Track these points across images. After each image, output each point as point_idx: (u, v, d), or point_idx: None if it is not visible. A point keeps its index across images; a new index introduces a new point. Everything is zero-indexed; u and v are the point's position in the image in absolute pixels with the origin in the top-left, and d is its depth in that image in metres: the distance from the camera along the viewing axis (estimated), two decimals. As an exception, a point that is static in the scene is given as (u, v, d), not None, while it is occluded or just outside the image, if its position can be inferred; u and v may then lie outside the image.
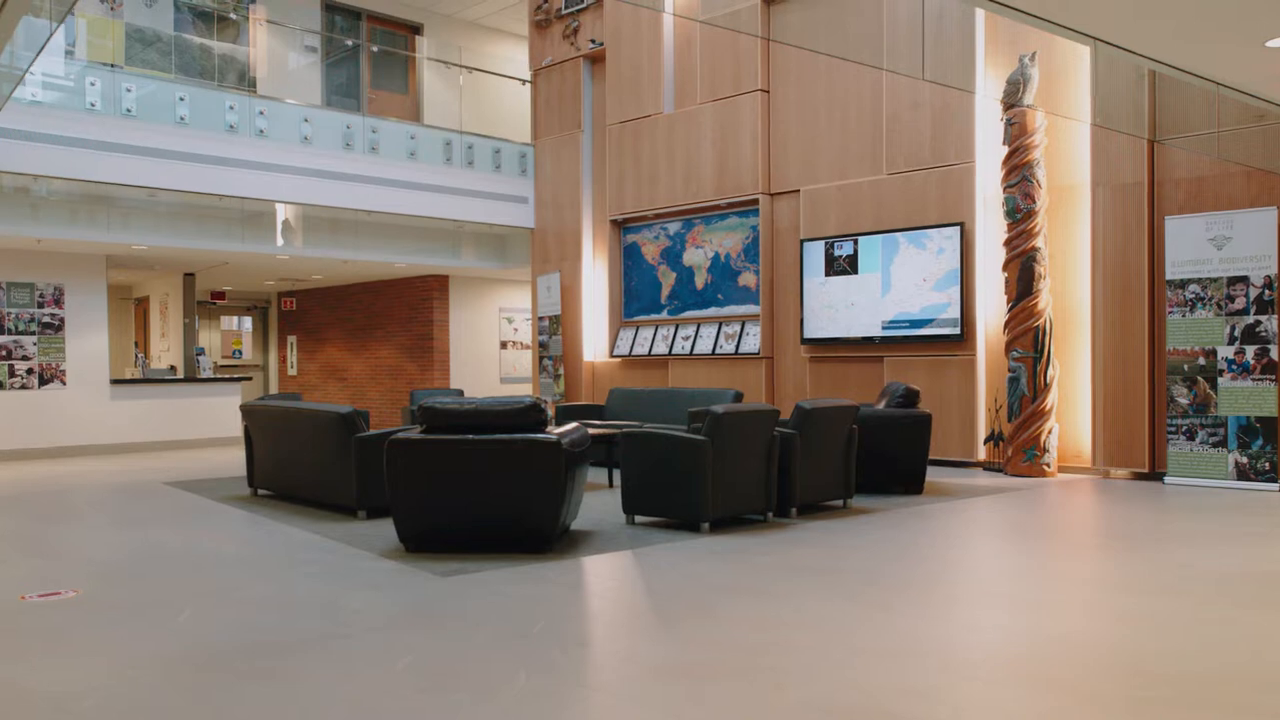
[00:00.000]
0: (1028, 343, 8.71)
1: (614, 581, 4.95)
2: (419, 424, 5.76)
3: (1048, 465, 8.66)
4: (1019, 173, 8.78)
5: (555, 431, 5.61)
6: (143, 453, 11.96)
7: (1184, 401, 8.04)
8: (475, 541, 5.55)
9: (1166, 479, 8.13)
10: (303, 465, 7.36)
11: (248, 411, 7.95)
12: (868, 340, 9.88)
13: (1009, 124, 8.85)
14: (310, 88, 13.29)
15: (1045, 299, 8.73)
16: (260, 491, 7.99)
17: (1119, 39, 5.70)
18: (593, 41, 12.45)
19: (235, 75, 12.60)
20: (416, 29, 14.53)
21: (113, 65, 10.29)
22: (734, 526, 6.23)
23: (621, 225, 12.27)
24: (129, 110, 9.93)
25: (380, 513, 6.65)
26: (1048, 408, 8.66)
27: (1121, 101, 8.42)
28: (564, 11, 12.85)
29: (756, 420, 6.25)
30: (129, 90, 9.94)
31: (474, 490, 5.47)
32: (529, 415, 5.51)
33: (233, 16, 12.47)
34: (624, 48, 11.99)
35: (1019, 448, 8.71)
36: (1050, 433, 8.67)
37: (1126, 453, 8.46)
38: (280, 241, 12.04)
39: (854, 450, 7.04)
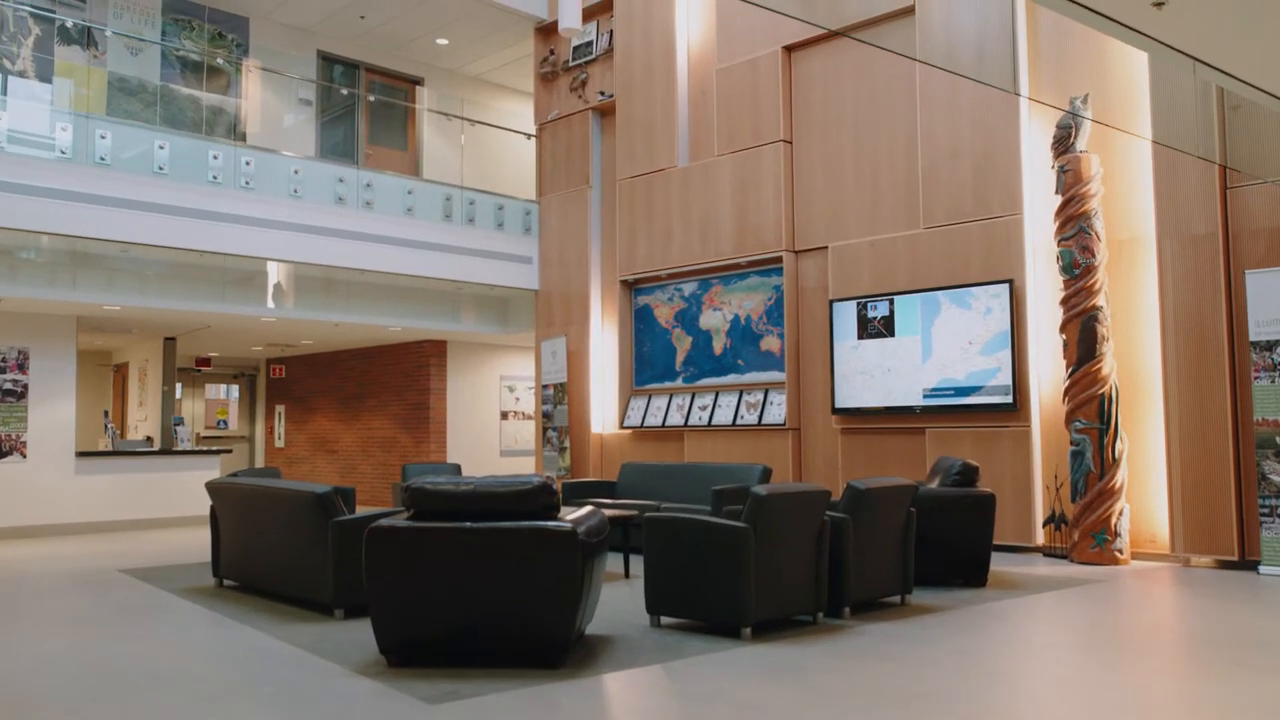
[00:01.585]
0: (1092, 412, 7.79)
1: (647, 712, 3.96)
2: (406, 507, 4.82)
3: (1120, 552, 7.67)
4: (1075, 224, 7.96)
5: (569, 518, 4.67)
6: (109, 533, 10.94)
7: (1277, 479, 7.09)
8: (472, 653, 4.57)
9: (1261, 569, 7.13)
10: (273, 553, 6.38)
11: (214, 490, 6.99)
12: (908, 410, 8.95)
13: (1062, 171, 8.06)
14: (304, 143, 12.58)
15: (1110, 363, 7.83)
16: (226, 582, 6.98)
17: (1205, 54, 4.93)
18: (601, 94, 11.78)
19: (224, 129, 11.90)
20: (417, 81, 13.91)
21: (87, 114, 9.53)
22: (780, 631, 5.23)
23: (632, 286, 11.44)
24: (103, 159, 9.16)
25: (361, 611, 5.65)
26: (1117, 486, 7.70)
27: (1189, 131, 7.63)
28: (571, 64, 12.22)
29: (805, 503, 5.30)
30: (103, 137, 9.18)
31: (471, 589, 4.50)
32: (538, 498, 4.58)
33: (220, 63, 11.80)
34: (635, 99, 11.30)
35: (1086, 532, 7.73)
36: (1121, 515, 7.70)
37: (1210, 538, 7.48)
38: (269, 303, 11.21)
39: (912, 537, 6.07)
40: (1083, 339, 7.87)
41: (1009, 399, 8.34)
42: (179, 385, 16.75)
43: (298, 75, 12.60)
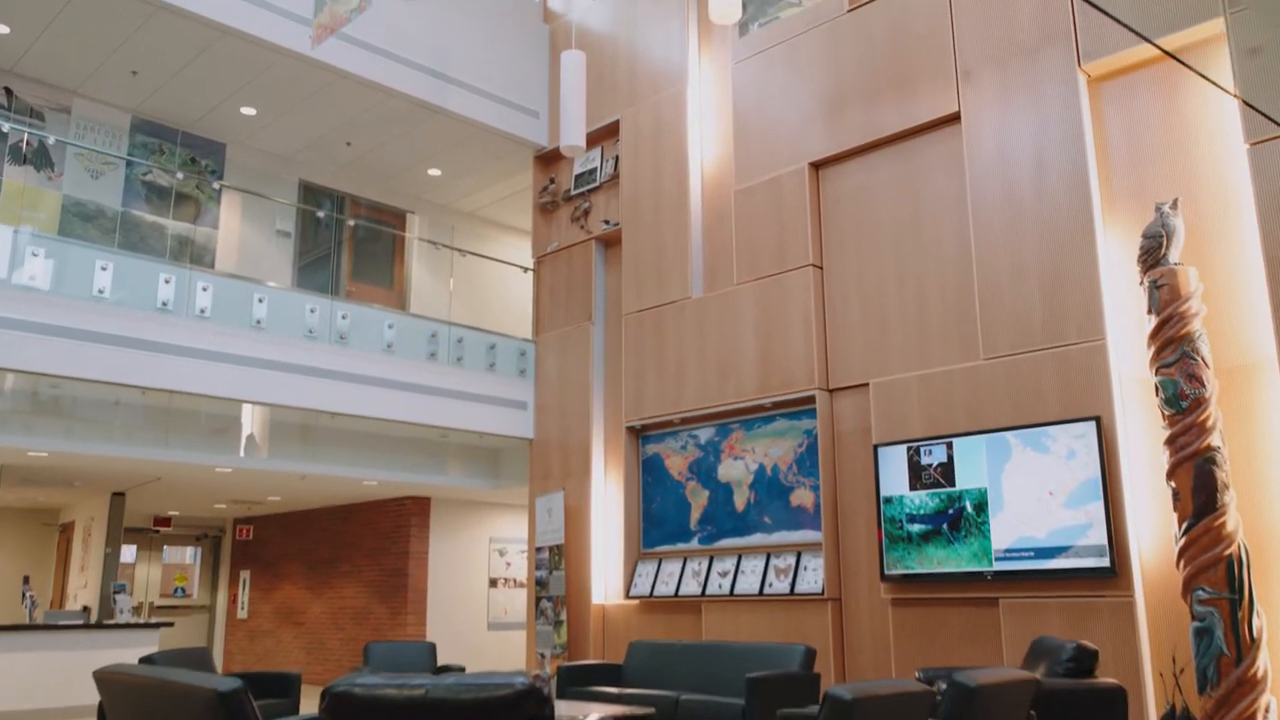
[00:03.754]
0: (1218, 579, 6.25)
1: None
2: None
3: (1273, 761, 5.99)
4: (1176, 348, 6.65)
5: (566, 737, 3.13)
6: (14, 725, 9.14)
7: None
8: None
9: None
10: (166, 771, 4.73)
11: (103, 682, 5.36)
12: (977, 576, 7.41)
13: (1155, 286, 6.81)
14: (281, 280, 11.47)
15: (1234, 516, 6.36)
16: (110, 807, 5.28)
17: None
18: (606, 222, 10.76)
19: (191, 261, 10.80)
20: (409, 212, 12.97)
21: (15, 228, 8.41)
22: None
23: (640, 433, 10.05)
24: (32, 281, 7.96)
25: None
26: (1259, 673, 6.08)
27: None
28: (573, 193, 11.26)
29: (903, 708, 3.75)
30: (35, 255, 8.01)
31: None
32: (521, 709, 3.06)
33: (179, 177, 10.80)
34: (643, 227, 10.25)
35: (1227, 734, 6.06)
36: (1268, 712, 6.05)
37: (1394, 743, 5.82)
38: (241, 452, 9.82)
39: (1034, 751, 4.47)
40: (1199, 487, 6.41)
41: (1105, 561, 6.81)
42: (133, 548, 15.14)
43: (279, 200, 11.62)
